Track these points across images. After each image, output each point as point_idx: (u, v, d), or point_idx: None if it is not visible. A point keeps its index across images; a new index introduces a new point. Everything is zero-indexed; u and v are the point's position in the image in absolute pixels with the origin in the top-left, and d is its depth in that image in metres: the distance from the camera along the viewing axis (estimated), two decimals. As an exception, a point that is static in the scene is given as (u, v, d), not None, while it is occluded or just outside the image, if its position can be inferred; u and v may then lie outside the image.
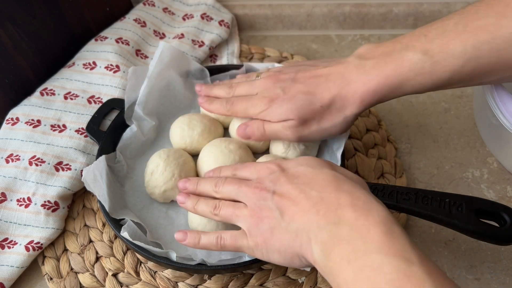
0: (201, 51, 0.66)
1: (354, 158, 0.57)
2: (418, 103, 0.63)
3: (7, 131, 0.55)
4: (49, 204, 0.51)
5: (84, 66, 0.61)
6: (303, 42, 0.72)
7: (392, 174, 0.55)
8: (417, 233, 0.51)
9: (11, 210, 0.51)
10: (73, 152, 0.54)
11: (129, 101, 0.54)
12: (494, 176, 0.55)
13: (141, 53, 0.65)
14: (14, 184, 0.52)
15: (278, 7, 0.72)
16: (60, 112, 0.57)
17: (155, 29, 0.68)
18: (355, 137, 0.59)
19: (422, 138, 0.59)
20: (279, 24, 0.73)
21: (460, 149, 0.58)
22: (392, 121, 0.61)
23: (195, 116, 0.54)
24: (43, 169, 0.52)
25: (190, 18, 0.70)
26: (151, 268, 0.49)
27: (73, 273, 0.49)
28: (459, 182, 0.55)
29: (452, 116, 0.61)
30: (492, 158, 0.57)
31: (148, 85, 0.54)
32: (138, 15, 0.68)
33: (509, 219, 0.40)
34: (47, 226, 0.50)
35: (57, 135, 0.55)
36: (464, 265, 0.49)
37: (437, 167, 0.57)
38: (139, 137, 0.53)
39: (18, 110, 0.57)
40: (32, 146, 0.54)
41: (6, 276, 0.48)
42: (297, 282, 0.48)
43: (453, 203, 0.41)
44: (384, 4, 0.70)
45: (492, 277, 0.48)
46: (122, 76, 0.60)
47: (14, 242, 0.50)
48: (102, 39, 0.64)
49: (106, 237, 0.51)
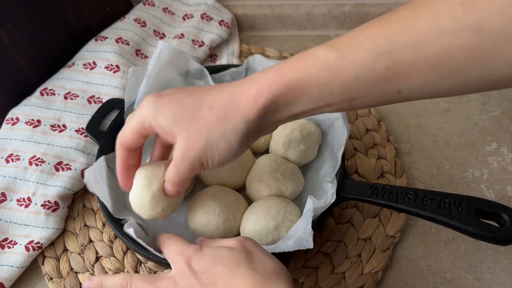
0: (201, 51, 0.66)
1: (354, 158, 0.57)
2: (418, 103, 0.63)
3: (7, 131, 0.55)
4: (49, 204, 0.51)
5: (84, 66, 0.61)
6: (303, 42, 0.72)
7: (392, 174, 0.55)
8: (417, 233, 0.51)
9: (11, 210, 0.51)
10: (73, 152, 0.54)
11: (129, 101, 0.54)
12: (494, 176, 0.55)
13: (141, 53, 0.65)
14: (14, 184, 0.52)
15: (278, 7, 0.72)
16: (60, 112, 0.57)
17: (155, 29, 0.68)
18: (355, 137, 0.59)
19: (422, 138, 0.59)
20: (279, 24, 0.73)
21: (460, 149, 0.58)
22: (392, 121, 0.61)
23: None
24: (43, 169, 0.52)
25: (190, 18, 0.70)
26: (151, 268, 0.49)
27: (73, 273, 0.49)
28: (459, 182, 0.55)
29: (452, 116, 0.61)
30: (492, 158, 0.57)
31: (147, 84, 0.54)
32: (138, 15, 0.68)
33: (509, 219, 0.40)
34: (47, 226, 0.50)
35: (57, 135, 0.55)
36: (464, 265, 0.49)
37: (437, 167, 0.57)
38: None
39: (18, 110, 0.57)
40: (32, 146, 0.54)
41: (6, 276, 0.48)
42: (297, 282, 0.48)
43: (453, 203, 0.41)
44: (384, 4, 0.70)
45: (492, 277, 0.48)
46: (122, 76, 0.60)
47: (14, 242, 0.50)
48: (102, 39, 0.64)
49: (106, 237, 0.51)
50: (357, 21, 0.71)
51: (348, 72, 0.32)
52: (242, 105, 0.35)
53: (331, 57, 0.32)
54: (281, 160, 0.51)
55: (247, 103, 0.34)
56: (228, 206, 0.47)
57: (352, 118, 0.61)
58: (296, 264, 0.49)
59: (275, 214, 0.45)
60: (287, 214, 0.46)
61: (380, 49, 0.31)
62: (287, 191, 0.49)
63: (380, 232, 0.51)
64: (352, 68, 0.32)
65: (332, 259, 0.49)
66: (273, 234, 0.45)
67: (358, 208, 0.53)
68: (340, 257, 0.49)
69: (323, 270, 0.48)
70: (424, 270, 0.49)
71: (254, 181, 0.50)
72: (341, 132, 0.50)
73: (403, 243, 0.51)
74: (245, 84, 0.35)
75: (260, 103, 0.34)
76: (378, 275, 0.48)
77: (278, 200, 0.47)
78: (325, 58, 0.32)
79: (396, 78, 0.31)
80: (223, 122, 0.35)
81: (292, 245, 0.41)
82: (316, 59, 0.32)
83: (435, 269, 0.49)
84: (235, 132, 0.35)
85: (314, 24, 0.73)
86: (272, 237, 0.45)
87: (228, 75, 0.59)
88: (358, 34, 0.32)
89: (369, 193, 0.44)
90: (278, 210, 0.46)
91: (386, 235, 0.50)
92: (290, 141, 0.51)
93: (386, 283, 0.48)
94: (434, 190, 0.43)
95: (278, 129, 0.52)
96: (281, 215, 0.46)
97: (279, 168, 0.50)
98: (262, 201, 0.48)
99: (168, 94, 0.38)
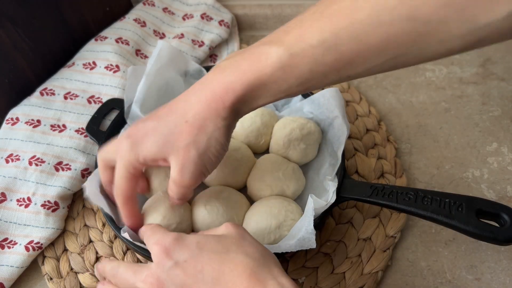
0: (201, 51, 0.66)
1: (354, 158, 0.57)
2: (418, 103, 0.63)
3: (7, 131, 0.55)
4: (49, 204, 0.51)
5: (84, 66, 0.61)
6: (303, 42, 0.72)
7: (392, 174, 0.55)
8: (417, 233, 0.51)
9: (11, 210, 0.51)
10: (73, 152, 0.54)
11: (128, 101, 0.54)
12: (494, 176, 0.55)
13: (141, 53, 0.65)
14: (14, 184, 0.52)
15: (278, 7, 0.72)
16: (60, 112, 0.57)
17: (155, 29, 0.68)
18: (355, 137, 0.59)
19: (422, 138, 0.59)
20: (279, 24, 0.72)
21: (460, 149, 0.58)
22: (392, 121, 0.61)
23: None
24: (43, 169, 0.52)
25: (190, 18, 0.70)
26: (151, 268, 0.49)
27: (73, 273, 0.49)
28: (459, 182, 0.55)
29: (452, 116, 0.61)
30: (492, 158, 0.57)
31: (146, 83, 0.54)
32: (138, 15, 0.68)
33: (509, 219, 0.40)
34: (47, 226, 0.50)
35: (57, 135, 0.55)
36: (464, 265, 0.49)
37: (437, 167, 0.57)
38: None
39: (18, 110, 0.57)
40: (32, 146, 0.54)
41: (6, 276, 0.48)
42: (297, 282, 0.48)
43: (453, 203, 0.41)
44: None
45: (492, 277, 0.48)
46: (122, 76, 0.60)
47: (14, 242, 0.50)
48: (102, 39, 0.64)
49: (106, 237, 0.51)
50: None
51: (301, 67, 0.35)
52: (215, 109, 0.37)
53: (283, 56, 0.35)
54: (282, 160, 0.51)
55: (217, 105, 0.37)
56: (232, 206, 0.47)
57: (352, 118, 0.60)
58: (296, 264, 0.49)
59: (276, 214, 0.45)
60: (289, 213, 0.46)
61: (327, 44, 0.34)
62: (288, 190, 0.49)
63: (380, 232, 0.51)
64: (304, 64, 0.35)
65: (332, 259, 0.49)
66: (275, 233, 0.45)
67: (358, 208, 0.52)
68: (340, 257, 0.49)
69: (323, 270, 0.48)
70: (424, 270, 0.49)
71: (256, 181, 0.50)
72: (341, 131, 0.50)
73: (403, 243, 0.51)
74: (208, 87, 0.38)
75: (228, 103, 0.37)
76: (378, 275, 0.48)
77: (280, 199, 0.47)
78: (278, 57, 0.35)
79: (345, 67, 0.35)
80: (204, 128, 0.38)
81: (294, 245, 0.40)
82: (270, 59, 0.35)
83: (435, 269, 0.49)
84: (218, 130, 0.38)
85: (314, 24, 0.73)
86: (274, 236, 0.45)
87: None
88: (305, 31, 0.35)
89: (369, 193, 0.44)
90: (280, 209, 0.46)
91: (386, 235, 0.50)
92: (290, 141, 0.51)
93: (386, 283, 0.48)
94: (434, 190, 0.43)
95: (278, 129, 0.52)
96: (283, 214, 0.46)
97: (280, 167, 0.50)
98: (263, 200, 0.48)
99: (138, 129, 0.40)
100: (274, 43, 0.36)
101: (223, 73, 0.37)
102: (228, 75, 0.37)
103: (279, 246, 0.41)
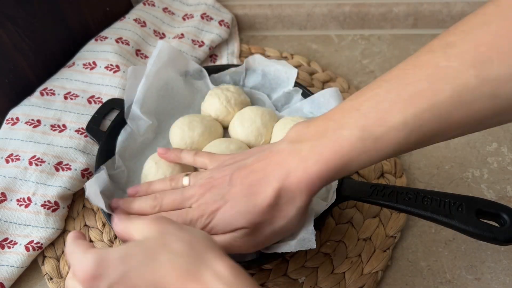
0: (201, 51, 0.66)
1: (354, 158, 0.57)
2: (418, 103, 0.63)
3: (7, 131, 0.55)
4: (49, 204, 0.51)
5: (84, 66, 0.61)
6: (303, 42, 0.72)
7: (392, 174, 0.55)
8: (417, 233, 0.51)
9: (11, 210, 0.51)
10: (73, 152, 0.54)
11: (128, 101, 0.54)
12: (494, 176, 0.55)
13: (141, 53, 0.65)
14: (14, 184, 0.52)
15: (278, 7, 0.72)
16: (60, 112, 0.57)
17: (155, 29, 0.68)
18: (355, 137, 0.58)
19: (422, 138, 0.59)
20: (279, 24, 0.73)
21: (460, 149, 0.58)
22: (392, 121, 0.61)
23: (195, 117, 0.54)
24: (43, 169, 0.52)
25: (190, 18, 0.70)
26: (151, 268, 0.49)
27: (73, 273, 0.49)
28: (459, 182, 0.55)
29: (452, 116, 0.61)
30: (492, 158, 0.57)
31: (146, 84, 0.54)
32: (138, 15, 0.68)
33: (509, 219, 0.40)
34: (47, 226, 0.50)
35: (57, 135, 0.55)
36: (464, 265, 0.49)
37: (437, 167, 0.57)
38: (136, 137, 0.53)
39: (18, 110, 0.57)
40: (32, 146, 0.54)
41: (6, 276, 0.48)
42: (297, 282, 0.48)
43: (453, 203, 0.41)
44: (384, 4, 0.70)
45: (492, 277, 0.48)
46: (122, 76, 0.60)
47: (14, 242, 0.50)
48: (102, 39, 0.64)
49: (106, 237, 0.51)
50: (357, 21, 0.71)
51: (385, 149, 0.36)
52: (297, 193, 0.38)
53: (367, 141, 0.36)
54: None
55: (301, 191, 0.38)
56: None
57: (352, 118, 0.60)
58: (296, 264, 0.49)
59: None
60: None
61: (410, 126, 0.35)
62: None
63: (380, 232, 0.51)
64: (389, 146, 0.36)
65: (332, 259, 0.49)
66: None
67: (358, 208, 0.53)
68: (340, 257, 0.49)
69: (323, 270, 0.48)
70: (424, 270, 0.49)
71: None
72: None
73: (403, 243, 0.51)
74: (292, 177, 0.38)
75: (313, 189, 0.38)
76: (378, 275, 0.48)
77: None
78: (362, 143, 0.36)
79: (424, 143, 0.37)
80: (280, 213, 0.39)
81: (294, 245, 0.40)
82: (353, 145, 0.36)
83: (435, 269, 0.49)
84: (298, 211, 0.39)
85: (314, 24, 0.73)
86: None
87: (228, 75, 0.59)
88: (386, 115, 0.35)
89: (369, 193, 0.44)
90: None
91: (386, 235, 0.50)
92: (290, 141, 0.51)
93: (386, 283, 0.48)
94: (434, 190, 0.43)
95: (278, 129, 0.52)
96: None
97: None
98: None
99: None
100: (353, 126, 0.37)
101: (306, 161, 0.38)
102: (313, 164, 0.37)
103: (279, 246, 0.41)
